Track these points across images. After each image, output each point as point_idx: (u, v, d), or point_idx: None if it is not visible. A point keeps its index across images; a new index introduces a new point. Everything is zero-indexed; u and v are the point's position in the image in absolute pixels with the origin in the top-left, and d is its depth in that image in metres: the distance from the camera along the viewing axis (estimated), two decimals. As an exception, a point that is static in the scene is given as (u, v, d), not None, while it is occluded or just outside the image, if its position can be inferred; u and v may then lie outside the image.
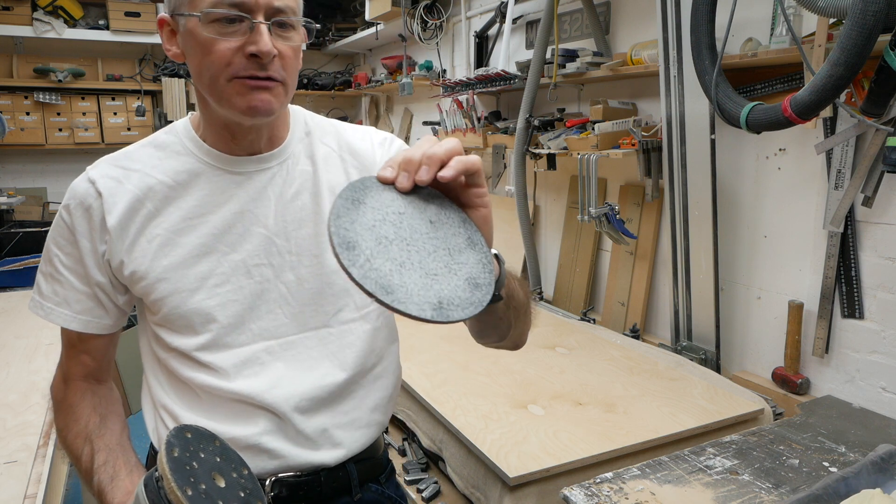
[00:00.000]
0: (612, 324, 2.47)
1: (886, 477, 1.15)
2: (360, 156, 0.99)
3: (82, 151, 4.39)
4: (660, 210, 2.33)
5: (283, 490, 0.92)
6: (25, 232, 3.30)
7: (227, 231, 0.90)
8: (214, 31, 0.80)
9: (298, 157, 0.95)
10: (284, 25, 0.83)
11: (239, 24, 0.80)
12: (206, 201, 0.90)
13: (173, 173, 0.90)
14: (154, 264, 0.89)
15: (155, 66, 4.41)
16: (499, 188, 3.24)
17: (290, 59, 0.85)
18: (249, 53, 0.80)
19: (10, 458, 1.31)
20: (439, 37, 3.60)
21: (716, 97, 1.68)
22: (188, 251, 0.89)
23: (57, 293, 0.91)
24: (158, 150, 0.92)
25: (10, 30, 3.91)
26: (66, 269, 0.90)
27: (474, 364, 1.87)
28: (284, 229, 0.92)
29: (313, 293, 0.93)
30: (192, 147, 0.91)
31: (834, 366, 1.81)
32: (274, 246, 0.92)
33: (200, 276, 0.89)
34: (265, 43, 0.80)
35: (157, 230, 0.89)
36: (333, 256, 0.64)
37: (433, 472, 1.60)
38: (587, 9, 2.46)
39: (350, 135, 1.00)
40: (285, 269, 0.92)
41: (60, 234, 0.91)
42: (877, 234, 1.68)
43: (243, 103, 0.82)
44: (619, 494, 1.18)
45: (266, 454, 0.91)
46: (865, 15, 1.26)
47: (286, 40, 0.84)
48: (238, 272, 0.90)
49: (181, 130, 0.93)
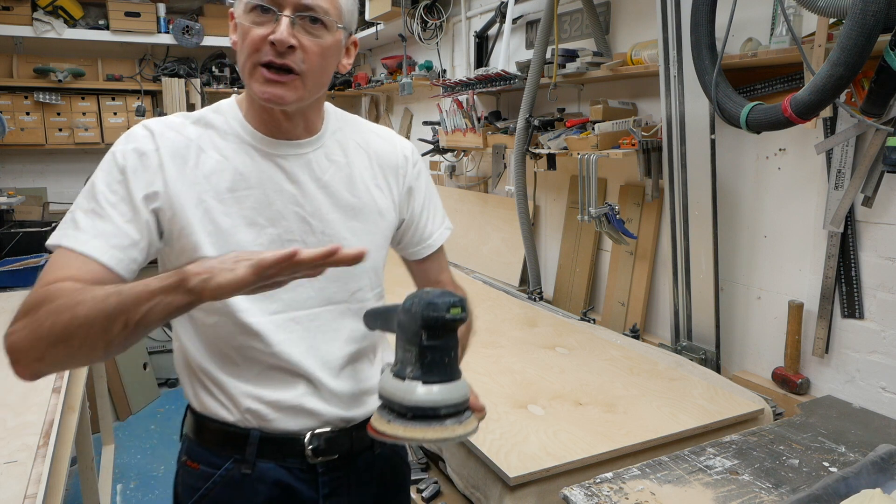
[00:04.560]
0: (612, 324, 2.47)
1: (886, 477, 1.16)
2: (383, 155, 1.12)
3: (82, 151, 4.39)
4: (660, 210, 2.33)
5: (320, 443, 1.04)
6: (25, 232, 3.30)
7: (267, 207, 0.99)
8: (250, 20, 0.92)
9: (332, 148, 1.06)
10: (315, 21, 0.93)
11: (270, 16, 0.91)
12: (249, 177, 0.99)
13: (221, 148, 0.99)
14: (200, 227, 0.96)
15: (155, 66, 4.41)
16: (499, 188, 3.24)
17: (313, 53, 0.94)
18: (270, 41, 0.90)
19: (10, 458, 1.32)
20: (439, 37, 3.60)
21: (716, 97, 1.68)
22: (232, 221, 0.97)
23: (96, 227, 0.91)
24: (207, 127, 1.00)
25: (10, 30, 3.91)
26: (111, 206, 0.92)
27: (474, 364, 1.87)
28: (318, 211, 1.02)
29: (339, 272, 1.01)
30: (237, 127, 1.00)
31: (834, 366, 1.81)
32: (308, 225, 1.02)
33: (242, 245, 0.97)
34: (281, 32, 0.90)
35: (204, 195, 0.96)
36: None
37: (433, 472, 1.60)
38: (587, 9, 2.46)
39: (373, 135, 1.14)
40: (323, 245, 0.96)
41: (111, 174, 0.94)
42: (877, 234, 1.68)
43: (260, 91, 0.93)
44: (619, 494, 1.18)
45: (307, 414, 1.03)
46: (865, 15, 1.26)
47: (314, 37, 0.94)
48: (274, 245, 0.98)
49: (227, 111, 1.02)
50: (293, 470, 1.04)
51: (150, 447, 3.42)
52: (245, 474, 1.02)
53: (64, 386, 1.69)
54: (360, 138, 1.11)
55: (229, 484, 1.03)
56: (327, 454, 1.05)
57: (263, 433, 1.02)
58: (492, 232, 3.24)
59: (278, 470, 1.03)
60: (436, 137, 3.47)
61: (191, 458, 1.06)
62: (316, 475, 1.05)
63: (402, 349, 0.89)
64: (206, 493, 1.03)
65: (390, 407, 0.87)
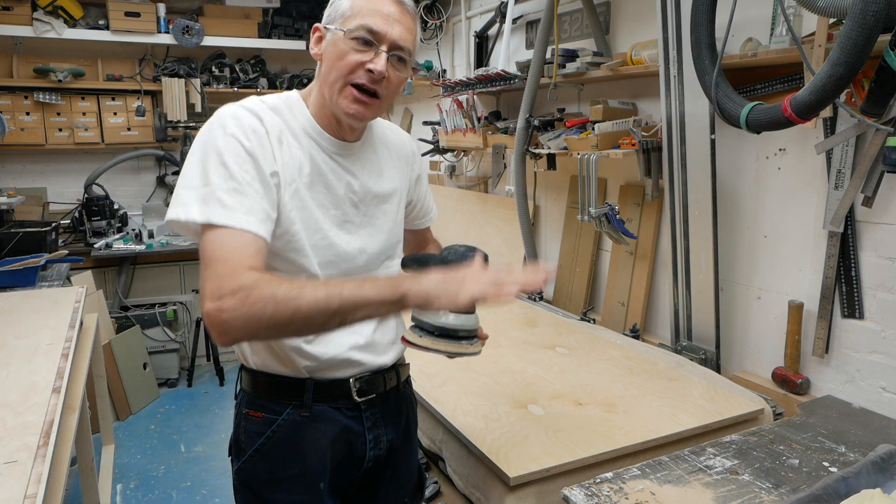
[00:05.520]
0: (612, 324, 2.48)
1: (886, 477, 1.16)
2: (398, 148, 1.34)
3: (82, 151, 4.39)
4: (660, 210, 2.33)
5: (363, 385, 1.24)
6: (25, 232, 3.30)
7: (332, 193, 1.18)
8: (351, 46, 1.10)
9: (370, 147, 1.26)
10: (402, 60, 1.13)
11: (369, 47, 1.10)
12: (320, 167, 1.16)
13: (298, 136, 1.15)
14: (292, 203, 1.11)
15: (155, 66, 4.41)
16: (499, 188, 3.24)
17: (394, 84, 1.15)
18: (368, 69, 1.09)
19: (10, 458, 1.31)
20: (439, 37, 3.60)
21: (716, 97, 1.68)
22: (310, 202, 1.15)
23: (243, 203, 1.03)
24: (283, 117, 1.15)
25: (10, 30, 3.90)
26: (248, 184, 1.04)
27: (475, 364, 1.87)
28: (365, 197, 1.23)
29: (378, 245, 1.25)
30: (306, 123, 1.17)
31: (834, 366, 1.81)
32: (357, 209, 1.22)
33: (316, 221, 1.15)
34: (381, 64, 1.09)
35: (294, 177, 1.12)
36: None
37: (433, 472, 1.60)
38: (587, 9, 2.46)
39: (387, 131, 1.34)
40: (364, 226, 1.24)
41: (238, 155, 1.05)
42: (877, 234, 1.68)
43: (347, 106, 1.11)
44: (619, 494, 1.18)
45: (353, 364, 1.22)
46: (865, 15, 1.26)
47: (398, 71, 1.14)
48: (336, 223, 1.19)
49: (295, 106, 1.17)
50: (342, 409, 1.23)
51: (150, 447, 3.42)
52: (304, 416, 1.20)
53: (64, 386, 1.69)
54: (381, 134, 1.31)
55: (292, 426, 1.20)
56: (368, 394, 1.24)
57: (317, 381, 1.20)
58: (492, 232, 3.24)
59: (331, 410, 1.22)
60: (436, 137, 3.47)
61: (252, 408, 1.22)
62: (360, 412, 1.25)
63: None
64: (271, 436, 1.20)
65: (422, 326, 1.13)
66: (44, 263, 3.02)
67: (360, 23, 1.09)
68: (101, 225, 4.15)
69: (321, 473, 1.22)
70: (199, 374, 4.32)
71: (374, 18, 1.09)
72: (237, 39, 4.44)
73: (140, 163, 4.55)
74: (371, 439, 1.27)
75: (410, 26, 1.14)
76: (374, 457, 1.28)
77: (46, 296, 2.56)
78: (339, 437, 1.23)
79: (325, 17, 1.15)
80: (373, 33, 1.09)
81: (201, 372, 4.37)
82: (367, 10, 1.10)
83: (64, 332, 2.09)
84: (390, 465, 1.32)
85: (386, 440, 1.30)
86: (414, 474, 1.41)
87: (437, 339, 1.12)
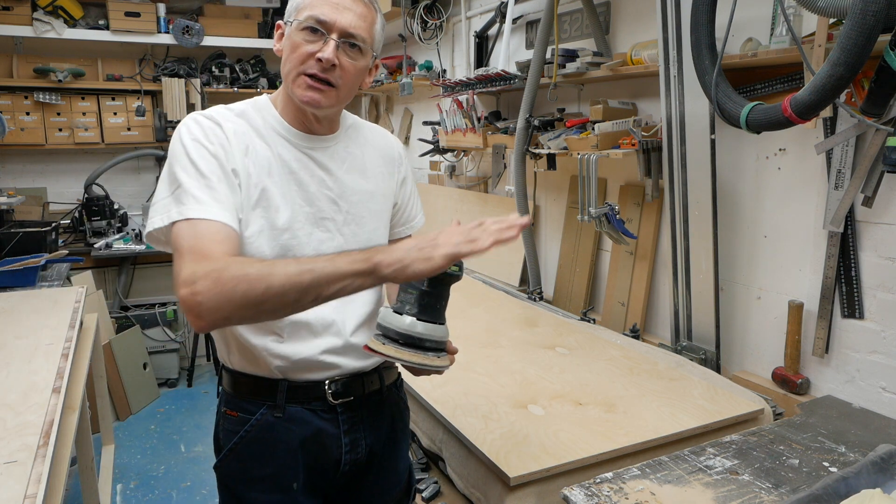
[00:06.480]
0: (612, 324, 2.47)
1: (886, 477, 1.16)
2: (384, 149, 1.34)
3: (82, 151, 4.39)
4: (660, 210, 2.33)
5: (338, 388, 1.23)
6: (25, 232, 3.30)
7: (304, 190, 1.18)
8: (302, 38, 1.11)
9: (348, 143, 1.26)
10: (355, 46, 1.13)
11: (318, 36, 1.11)
12: (289, 163, 1.16)
13: (265, 137, 1.16)
14: (256, 203, 1.12)
15: (155, 66, 4.41)
16: (499, 188, 3.24)
17: (350, 73, 1.14)
18: (317, 58, 1.10)
19: (10, 458, 1.31)
20: (439, 37, 3.60)
21: (716, 97, 1.68)
22: (278, 200, 1.14)
23: (214, 197, 1.06)
24: (249, 120, 1.17)
25: (10, 30, 3.90)
26: (217, 180, 1.08)
27: (475, 364, 1.87)
28: (343, 194, 1.22)
29: (360, 244, 1.23)
30: (274, 122, 1.18)
31: (834, 366, 1.81)
32: (336, 205, 1.21)
33: (285, 220, 1.14)
34: (329, 52, 1.10)
35: (259, 176, 1.13)
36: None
37: (433, 472, 1.60)
38: (587, 9, 2.46)
39: (373, 133, 1.35)
40: (347, 223, 1.23)
41: (203, 156, 1.08)
42: (877, 234, 1.68)
43: (301, 94, 1.12)
44: (619, 494, 1.18)
45: (326, 366, 1.21)
46: (865, 15, 1.26)
47: (351, 59, 1.13)
48: (310, 221, 1.18)
49: (264, 108, 1.19)
50: (317, 411, 1.22)
51: (150, 447, 3.42)
52: (277, 417, 1.20)
53: (64, 386, 1.69)
54: (366, 134, 1.32)
55: (265, 426, 1.21)
56: (344, 396, 1.24)
57: (290, 382, 1.20)
58: (492, 232, 3.23)
59: (304, 412, 1.22)
60: (436, 137, 3.47)
61: (229, 407, 1.24)
62: (336, 414, 1.24)
63: (405, 292, 1.10)
64: (244, 435, 1.21)
65: (386, 334, 1.09)
66: (44, 263, 3.02)
67: (308, 13, 1.11)
68: (101, 225, 4.15)
69: (294, 474, 1.22)
70: (199, 374, 4.32)
71: (322, 8, 1.10)
72: (237, 39, 4.44)
73: (140, 163, 4.55)
74: (347, 442, 1.25)
75: (363, 13, 1.14)
76: (351, 460, 1.26)
77: (46, 296, 2.56)
78: (311, 439, 1.22)
79: (286, 12, 1.17)
80: (321, 22, 1.10)
81: (201, 372, 4.37)
82: (318, 1, 1.11)
83: (64, 332, 2.09)
84: (372, 470, 1.31)
85: (365, 444, 1.28)
86: (401, 480, 1.39)
87: (402, 348, 1.07)
